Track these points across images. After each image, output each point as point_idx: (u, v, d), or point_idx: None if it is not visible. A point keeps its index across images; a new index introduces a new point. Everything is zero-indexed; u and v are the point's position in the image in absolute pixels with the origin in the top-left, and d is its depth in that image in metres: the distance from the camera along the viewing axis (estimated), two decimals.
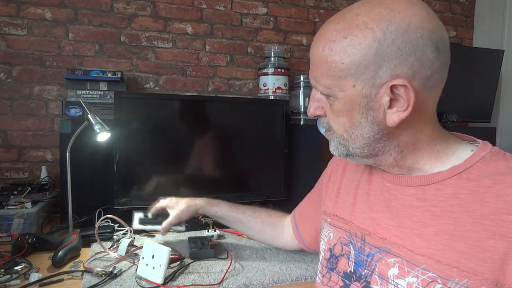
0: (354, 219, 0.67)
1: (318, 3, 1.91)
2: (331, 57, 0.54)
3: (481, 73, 1.76)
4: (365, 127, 0.57)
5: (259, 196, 1.46)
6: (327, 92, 0.57)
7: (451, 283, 0.50)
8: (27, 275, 0.89)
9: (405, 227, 0.58)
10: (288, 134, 1.48)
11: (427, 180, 0.57)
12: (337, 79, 0.55)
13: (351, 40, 0.52)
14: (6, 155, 1.54)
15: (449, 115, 1.67)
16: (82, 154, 1.29)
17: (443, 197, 0.55)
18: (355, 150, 0.60)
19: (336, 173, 0.78)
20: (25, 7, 1.53)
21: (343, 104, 0.56)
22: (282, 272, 0.95)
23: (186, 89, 1.74)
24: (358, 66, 0.53)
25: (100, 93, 1.45)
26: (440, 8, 2.12)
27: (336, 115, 0.58)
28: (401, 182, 0.61)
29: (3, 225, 1.15)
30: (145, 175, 1.31)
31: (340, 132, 0.60)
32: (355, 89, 0.54)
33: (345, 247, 0.67)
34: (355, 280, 0.63)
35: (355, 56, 0.52)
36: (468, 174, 0.54)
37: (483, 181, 0.53)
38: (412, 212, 0.58)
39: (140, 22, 1.66)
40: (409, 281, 0.54)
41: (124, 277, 0.90)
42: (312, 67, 0.58)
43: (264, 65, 1.67)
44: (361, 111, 0.56)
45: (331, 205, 0.75)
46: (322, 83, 0.57)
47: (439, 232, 0.53)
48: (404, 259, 0.56)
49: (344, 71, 0.54)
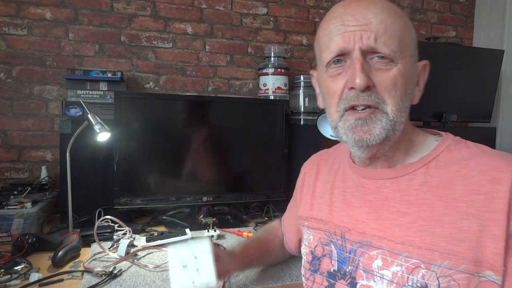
0: (332, 219, 0.68)
1: (318, 3, 1.91)
2: (401, 21, 0.58)
3: (481, 73, 1.76)
4: (408, 99, 0.59)
5: (259, 196, 1.46)
6: (391, 56, 0.56)
7: (433, 267, 0.52)
8: (27, 275, 0.89)
9: (383, 219, 0.60)
10: (288, 134, 1.48)
11: (400, 172, 0.60)
12: (402, 45, 0.57)
13: (407, 19, 0.60)
14: (6, 155, 1.54)
15: (449, 115, 1.67)
16: (82, 154, 1.29)
17: (416, 186, 0.58)
18: (400, 127, 0.58)
19: (310, 177, 0.79)
20: (25, 7, 1.53)
21: (402, 70, 0.57)
22: (282, 272, 0.95)
23: (186, 89, 1.74)
24: (414, 39, 0.60)
25: (100, 93, 1.45)
26: (440, 8, 2.12)
27: (394, 83, 0.56)
28: (375, 176, 0.63)
29: (3, 225, 1.15)
30: (145, 175, 1.31)
31: (397, 101, 0.56)
32: (411, 59, 0.59)
33: (326, 247, 0.68)
34: (340, 278, 0.64)
35: (412, 29, 0.60)
36: (436, 163, 0.58)
37: (450, 168, 0.57)
38: (389, 204, 0.60)
39: (140, 22, 1.66)
40: (394, 270, 0.56)
41: (124, 277, 0.90)
42: (376, 28, 0.55)
43: (264, 65, 1.67)
44: (410, 82, 0.59)
45: (307, 208, 0.76)
46: (390, 44, 0.55)
47: (417, 219, 0.56)
48: (386, 250, 0.58)
49: (408, 37, 0.58)
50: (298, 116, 1.63)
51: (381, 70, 0.56)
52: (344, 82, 0.57)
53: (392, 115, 0.56)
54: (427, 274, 0.53)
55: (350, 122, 0.58)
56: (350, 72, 0.56)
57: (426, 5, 2.08)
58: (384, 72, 0.56)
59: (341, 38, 0.57)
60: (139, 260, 1.00)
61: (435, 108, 1.69)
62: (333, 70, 0.59)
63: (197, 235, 1.16)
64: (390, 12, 0.57)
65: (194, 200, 1.36)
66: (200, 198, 1.36)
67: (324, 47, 0.60)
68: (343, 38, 0.57)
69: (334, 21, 0.59)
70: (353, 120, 0.57)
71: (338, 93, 0.58)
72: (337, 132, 0.61)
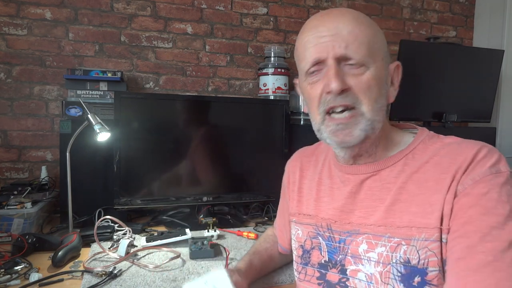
0: (319, 213, 0.73)
1: (318, 3, 1.91)
2: (369, 29, 0.63)
3: (481, 73, 1.76)
4: (385, 99, 0.65)
5: (259, 196, 1.46)
6: (362, 61, 0.61)
7: (413, 241, 0.58)
8: (27, 275, 0.89)
9: (367, 207, 0.65)
10: (288, 134, 1.48)
11: (382, 165, 0.66)
12: (372, 50, 0.62)
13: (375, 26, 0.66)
14: (6, 155, 1.54)
15: (449, 115, 1.67)
16: (82, 154, 1.29)
17: (394, 174, 0.64)
18: (378, 125, 0.64)
19: (294, 174, 0.83)
20: (25, 7, 1.53)
21: (375, 74, 0.62)
22: (282, 272, 0.95)
23: (186, 89, 1.74)
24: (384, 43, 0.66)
25: (100, 93, 1.45)
26: (440, 8, 2.12)
27: (368, 86, 0.62)
28: (359, 172, 0.68)
29: (3, 225, 1.15)
30: (145, 175, 1.31)
31: (371, 103, 0.62)
32: (382, 62, 0.64)
33: (315, 240, 0.72)
34: (332, 267, 0.68)
35: (381, 36, 0.66)
36: (413, 155, 0.65)
37: (424, 158, 0.63)
38: (372, 193, 0.66)
39: (140, 22, 1.66)
40: (379, 251, 0.61)
41: (124, 277, 0.90)
42: (346, 37, 0.61)
43: (264, 65, 1.67)
44: (383, 83, 0.64)
45: (295, 205, 0.79)
46: (360, 52, 0.61)
47: (395, 202, 0.62)
48: (370, 234, 0.63)
49: (378, 43, 0.64)
50: (298, 116, 1.63)
51: (355, 75, 0.61)
52: (322, 87, 0.63)
53: (369, 115, 0.62)
54: (408, 249, 0.58)
55: (331, 127, 0.64)
56: (326, 78, 0.62)
57: (426, 5, 2.08)
58: (358, 77, 0.61)
59: (315, 49, 0.63)
60: (139, 260, 1.00)
61: (435, 108, 1.69)
62: (312, 78, 0.65)
63: (197, 235, 1.16)
64: (358, 22, 0.63)
65: (194, 200, 1.36)
66: (200, 198, 1.36)
67: (301, 58, 0.66)
68: (317, 48, 0.62)
69: (308, 33, 0.65)
70: (334, 126, 0.63)
71: (317, 97, 0.64)
72: (321, 135, 0.67)
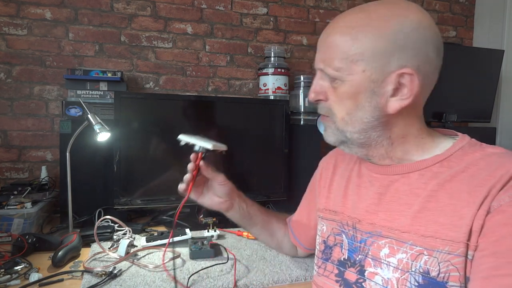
0: (345, 210, 0.72)
1: (318, 3, 1.91)
2: (348, 42, 0.59)
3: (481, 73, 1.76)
4: (367, 111, 0.61)
5: (259, 196, 1.46)
6: (335, 75, 0.61)
7: (435, 253, 0.55)
8: (27, 275, 0.89)
9: (392, 210, 0.63)
10: (288, 134, 1.48)
11: (413, 168, 0.63)
12: (348, 63, 0.59)
13: (371, 28, 0.58)
14: (6, 155, 1.54)
15: (449, 115, 1.67)
16: (82, 154, 1.29)
17: (425, 179, 0.61)
18: (352, 135, 0.64)
19: (327, 170, 0.83)
20: (25, 7, 1.53)
21: (349, 87, 0.60)
22: (282, 272, 0.95)
23: (186, 89, 1.74)
24: (373, 53, 0.58)
25: (100, 93, 1.45)
26: (440, 8, 2.12)
27: (340, 98, 0.62)
28: (388, 172, 0.66)
29: (3, 225, 1.15)
30: (145, 175, 1.31)
31: (342, 115, 0.63)
32: (364, 74, 0.59)
33: (338, 237, 0.71)
34: (350, 266, 0.67)
35: (372, 44, 0.58)
36: (448, 162, 0.60)
37: (461, 166, 0.59)
38: (399, 196, 0.63)
39: (140, 22, 1.66)
40: (399, 258, 0.59)
41: (124, 277, 0.90)
42: (323, 50, 0.63)
43: (264, 65, 1.67)
44: (366, 95, 0.60)
45: (324, 201, 0.79)
46: (332, 66, 0.61)
47: (422, 209, 0.58)
48: (393, 239, 0.61)
49: (357, 56, 0.59)
50: (298, 116, 1.63)
51: (332, 87, 0.63)
52: None
53: (339, 125, 0.64)
54: (429, 260, 0.55)
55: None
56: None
57: (426, 5, 2.08)
58: (334, 89, 0.62)
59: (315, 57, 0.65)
60: (139, 260, 1.00)
61: (435, 108, 1.69)
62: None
63: (197, 235, 1.16)
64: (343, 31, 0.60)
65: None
66: None
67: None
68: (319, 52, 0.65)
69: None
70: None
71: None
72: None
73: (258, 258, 1.04)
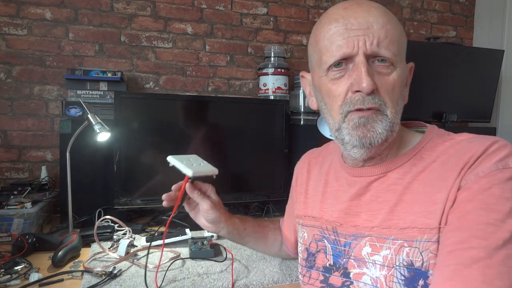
0: (324, 215, 0.70)
1: (318, 3, 1.91)
2: (398, 25, 0.60)
3: (481, 73, 1.76)
4: (402, 101, 0.62)
5: (259, 196, 1.46)
6: (392, 60, 0.58)
7: (415, 243, 0.56)
8: (27, 275, 0.89)
9: (373, 210, 0.62)
10: (288, 134, 1.48)
11: (389, 167, 0.63)
12: (400, 49, 0.60)
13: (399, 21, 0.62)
14: (6, 155, 1.54)
15: (449, 115, 1.67)
16: (82, 154, 1.29)
17: (400, 175, 0.61)
18: (396, 127, 0.60)
19: (302, 175, 0.82)
20: (25, 7, 1.53)
21: (399, 74, 0.59)
22: (282, 272, 0.95)
23: (186, 89, 1.74)
24: (406, 43, 0.62)
25: (100, 93, 1.45)
26: (440, 8, 2.12)
27: (392, 86, 0.59)
28: (366, 174, 0.65)
29: (3, 225, 1.15)
30: (145, 175, 1.31)
31: (394, 105, 0.59)
32: (404, 62, 0.61)
33: (320, 243, 0.70)
34: (335, 270, 0.66)
35: (404, 34, 0.62)
36: (421, 155, 0.62)
37: (432, 157, 0.60)
38: (377, 195, 0.63)
39: (140, 22, 1.66)
40: (384, 254, 0.59)
41: (124, 277, 0.90)
42: (378, 32, 0.57)
43: (264, 65, 1.67)
44: (403, 84, 0.62)
45: (302, 207, 0.78)
46: (390, 49, 0.57)
47: (399, 202, 0.59)
48: (374, 236, 0.61)
49: (403, 44, 0.61)
50: (298, 116, 1.63)
51: (382, 74, 0.58)
52: (347, 85, 0.58)
53: (391, 117, 0.59)
54: (410, 251, 0.56)
55: (354, 121, 0.58)
56: (355, 75, 0.57)
57: (426, 5, 2.08)
58: (385, 76, 0.58)
59: (345, 43, 0.57)
60: (139, 260, 1.00)
61: (435, 108, 1.69)
62: (335, 73, 0.59)
63: (197, 235, 1.16)
64: (389, 17, 0.59)
65: None
66: None
67: (324, 51, 0.60)
68: (347, 42, 0.57)
69: (335, 24, 0.58)
70: (357, 119, 0.58)
71: (342, 96, 0.59)
72: (340, 133, 0.61)
73: (258, 258, 1.04)
